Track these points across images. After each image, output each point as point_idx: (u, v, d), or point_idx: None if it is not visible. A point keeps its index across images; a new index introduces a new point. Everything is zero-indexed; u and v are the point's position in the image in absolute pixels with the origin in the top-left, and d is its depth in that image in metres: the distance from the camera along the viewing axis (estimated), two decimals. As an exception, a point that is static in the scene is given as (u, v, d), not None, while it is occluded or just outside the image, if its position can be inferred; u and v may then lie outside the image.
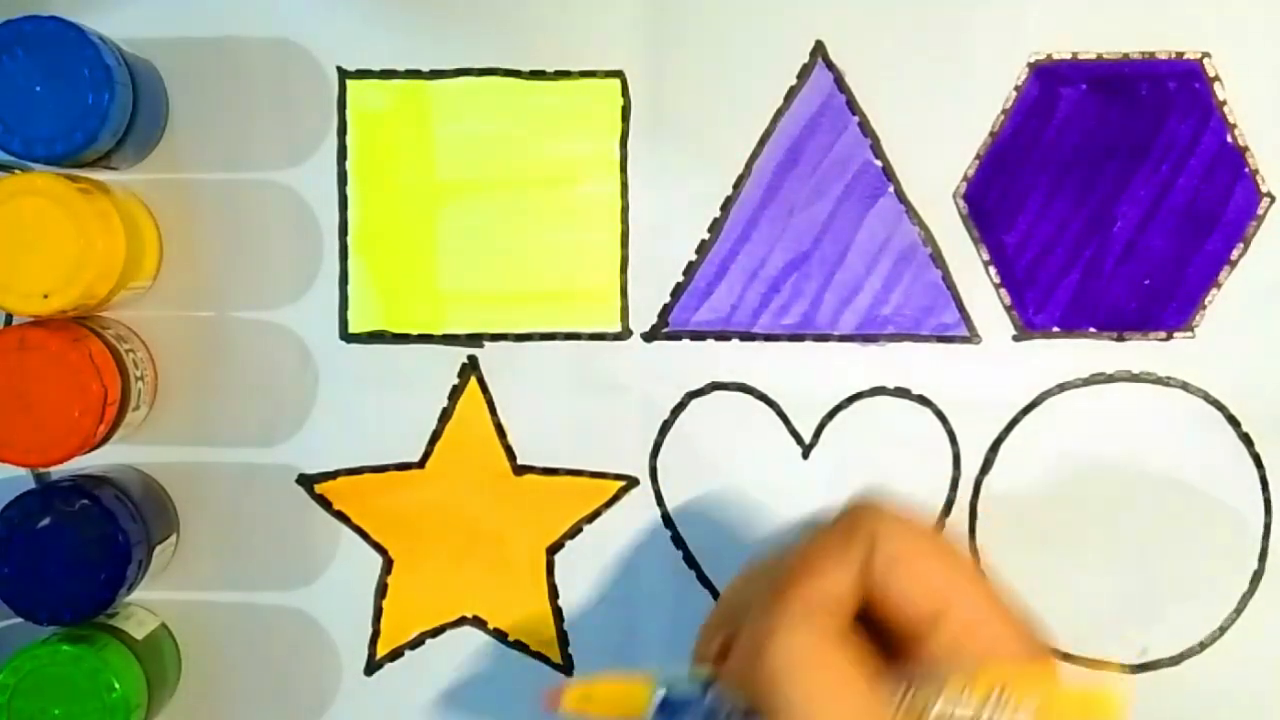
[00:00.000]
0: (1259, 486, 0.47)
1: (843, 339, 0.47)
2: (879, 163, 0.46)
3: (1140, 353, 0.47)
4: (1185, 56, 0.46)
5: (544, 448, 0.47)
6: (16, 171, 0.44)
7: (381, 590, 0.48)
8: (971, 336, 0.47)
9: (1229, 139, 0.46)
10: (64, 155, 0.42)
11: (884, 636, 0.34)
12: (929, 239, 0.46)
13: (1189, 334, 0.46)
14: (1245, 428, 0.46)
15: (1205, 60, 0.46)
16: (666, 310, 0.47)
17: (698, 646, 0.37)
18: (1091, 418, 0.46)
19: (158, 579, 0.47)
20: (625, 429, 0.47)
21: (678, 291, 0.47)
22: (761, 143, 0.46)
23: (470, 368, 0.47)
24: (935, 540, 0.35)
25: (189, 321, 0.47)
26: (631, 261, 0.47)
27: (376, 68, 0.47)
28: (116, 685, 0.43)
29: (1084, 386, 0.47)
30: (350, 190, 0.47)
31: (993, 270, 0.47)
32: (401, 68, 0.47)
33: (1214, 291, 0.46)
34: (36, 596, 0.43)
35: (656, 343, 0.47)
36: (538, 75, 0.47)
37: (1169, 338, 0.46)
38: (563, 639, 0.48)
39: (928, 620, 0.33)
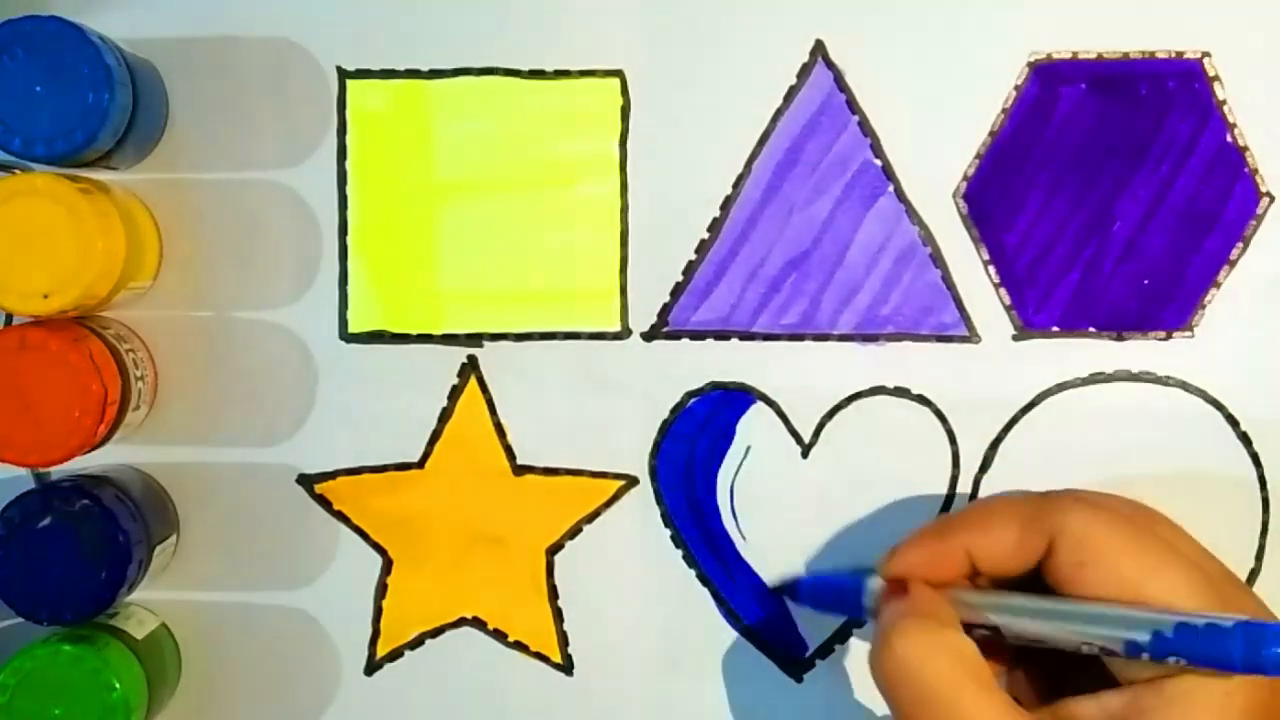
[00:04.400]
0: (1257, 486, 0.47)
1: (842, 338, 0.47)
2: (879, 162, 0.46)
3: (1140, 352, 0.47)
4: (1185, 56, 0.46)
5: (544, 448, 0.47)
6: (16, 171, 0.44)
7: (381, 590, 0.48)
8: (971, 336, 0.47)
9: (1229, 139, 0.46)
10: (64, 155, 0.42)
11: None
12: (929, 238, 0.46)
13: (1188, 334, 0.46)
14: (1244, 427, 0.46)
15: (1205, 60, 0.46)
16: (666, 310, 0.47)
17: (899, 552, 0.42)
18: (1091, 417, 0.46)
19: (158, 579, 0.47)
20: (625, 429, 0.47)
21: (677, 291, 0.47)
22: (761, 142, 0.46)
23: (470, 367, 0.47)
24: (1127, 531, 0.39)
25: (189, 321, 0.47)
26: (631, 261, 0.47)
27: (376, 67, 0.47)
28: (116, 685, 0.43)
29: (1083, 386, 0.47)
30: (350, 190, 0.47)
31: (992, 270, 0.47)
32: (401, 67, 0.47)
33: (1213, 291, 0.46)
34: (37, 596, 0.43)
35: (656, 342, 0.47)
36: (537, 75, 0.47)
37: (1168, 337, 0.47)
38: (563, 639, 0.48)
39: (1128, 589, 0.38)
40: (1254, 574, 0.47)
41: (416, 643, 0.48)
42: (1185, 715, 0.37)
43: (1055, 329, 0.47)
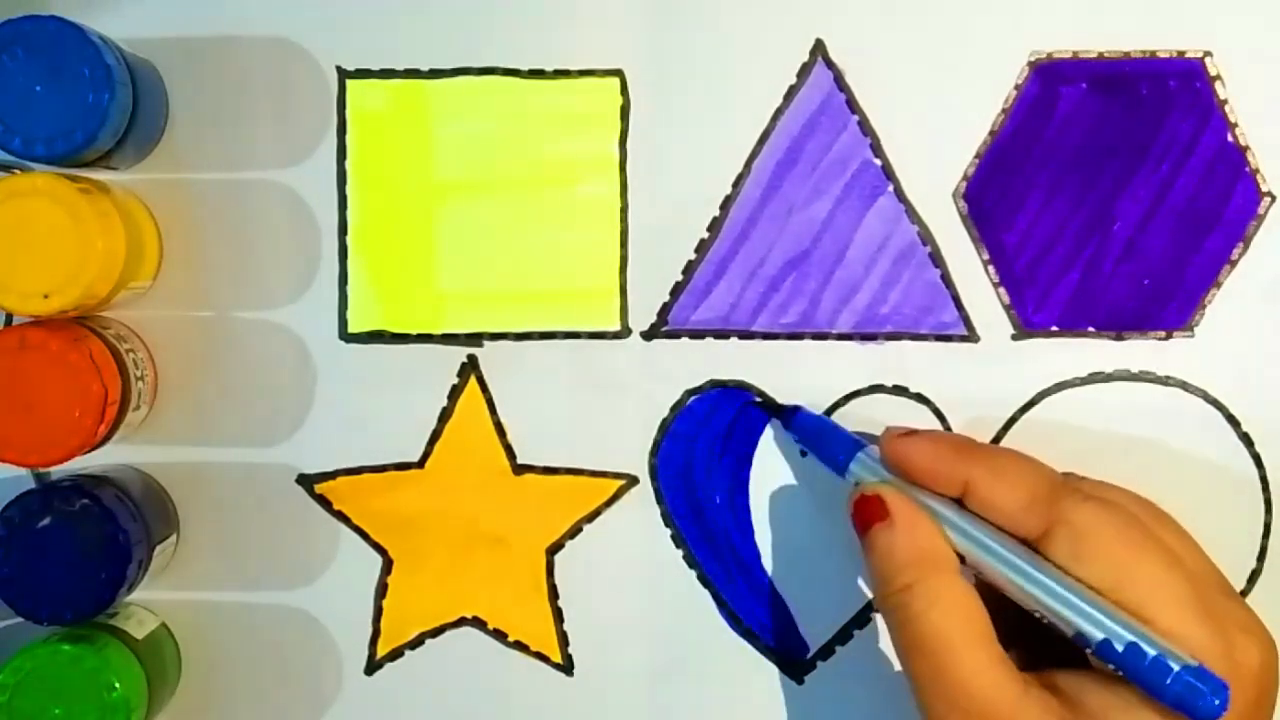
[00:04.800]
0: (1259, 486, 0.47)
1: (841, 338, 0.47)
2: (878, 162, 0.46)
3: (1139, 352, 0.47)
4: (1186, 55, 0.46)
5: (544, 447, 0.47)
6: (16, 171, 0.44)
7: (381, 590, 0.48)
8: (970, 335, 0.47)
9: (1229, 138, 0.46)
10: (64, 155, 0.42)
11: None
12: (928, 238, 0.46)
13: (1188, 334, 0.46)
14: (1245, 427, 0.46)
15: (1206, 59, 0.46)
16: (666, 309, 0.47)
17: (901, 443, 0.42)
18: (1090, 417, 0.46)
19: (158, 579, 0.47)
20: (625, 428, 0.47)
21: (677, 290, 0.47)
22: (761, 142, 0.46)
23: (470, 367, 0.47)
24: (1128, 532, 0.40)
25: (189, 321, 0.47)
26: (631, 261, 0.47)
27: (376, 67, 0.47)
28: (116, 685, 0.43)
29: (1083, 386, 0.47)
30: (350, 190, 0.47)
31: (992, 269, 0.47)
32: (401, 67, 0.47)
33: (1214, 291, 0.46)
34: (37, 596, 0.43)
35: (656, 341, 0.47)
36: (537, 74, 0.47)
37: (1168, 337, 0.46)
38: (563, 639, 0.48)
39: (1109, 587, 0.39)
40: (1255, 574, 0.47)
41: (416, 643, 0.48)
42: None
43: (1055, 329, 0.47)
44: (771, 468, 0.47)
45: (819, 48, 0.46)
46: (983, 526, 0.41)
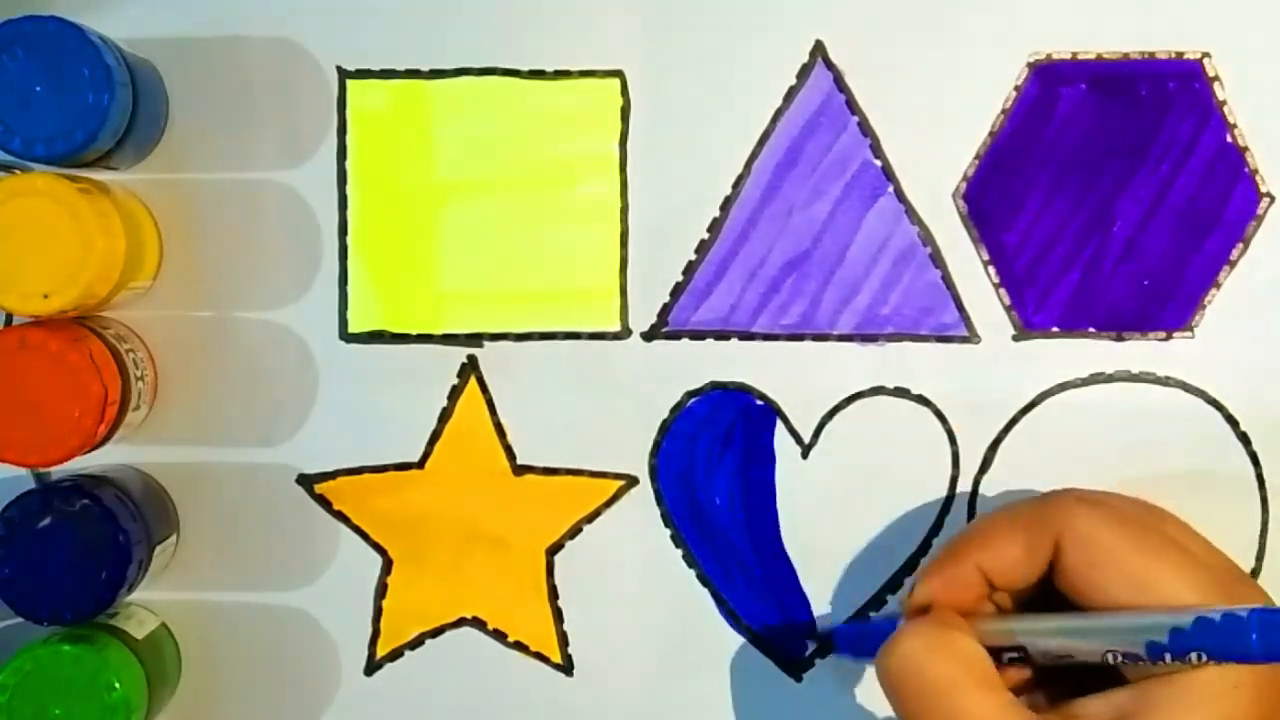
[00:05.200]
0: (1256, 486, 0.47)
1: (842, 338, 0.47)
2: (878, 162, 0.46)
3: (1139, 353, 0.47)
4: (1185, 56, 0.46)
5: (544, 447, 0.47)
6: (16, 171, 0.44)
7: (381, 590, 0.48)
8: (971, 336, 0.47)
9: (1229, 139, 0.46)
10: (64, 155, 0.42)
11: None
12: (928, 238, 0.46)
13: (1188, 334, 0.46)
14: (1243, 427, 0.46)
15: (1205, 60, 0.46)
16: (666, 310, 0.47)
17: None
18: (1091, 417, 0.46)
19: (158, 579, 0.47)
20: (625, 429, 0.47)
21: (677, 291, 0.47)
22: (761, 142, 0.46)
23: (470, 367, 0.47)
24: (1134, 531, 0.39)
25: (189, 321, 0.47)
26: (631, 261, 0.47)
27: (376, 67, 0.47)
28: (117, 685, 0.43)
29: (1083, 386, 0.47)
30: (350, 190, 0.47)
31: (992, 270, 0.47)
32: (401, 67, 0.47)
33: (1213, 291, 0.46)
34: (37, 596, 0.43)
35: (656, 342, 0.47)
36: (537, 75, 0.47)
37: (1168, 338, 0.47)
38: (563, 639, 0.48)
39: (1133, 587, 0.38)
40: (1254, 574, 0.47)
41: (416, 643, 0.48)
42: (1193, 708, 0.37)
43: (1055, 329, 0.47)
44: (771, 468, 0.47)
45: (819, 48, 0.46)
46: (1026, 618, 0.41)
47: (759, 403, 0.47)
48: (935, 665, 0.39)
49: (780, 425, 0.47)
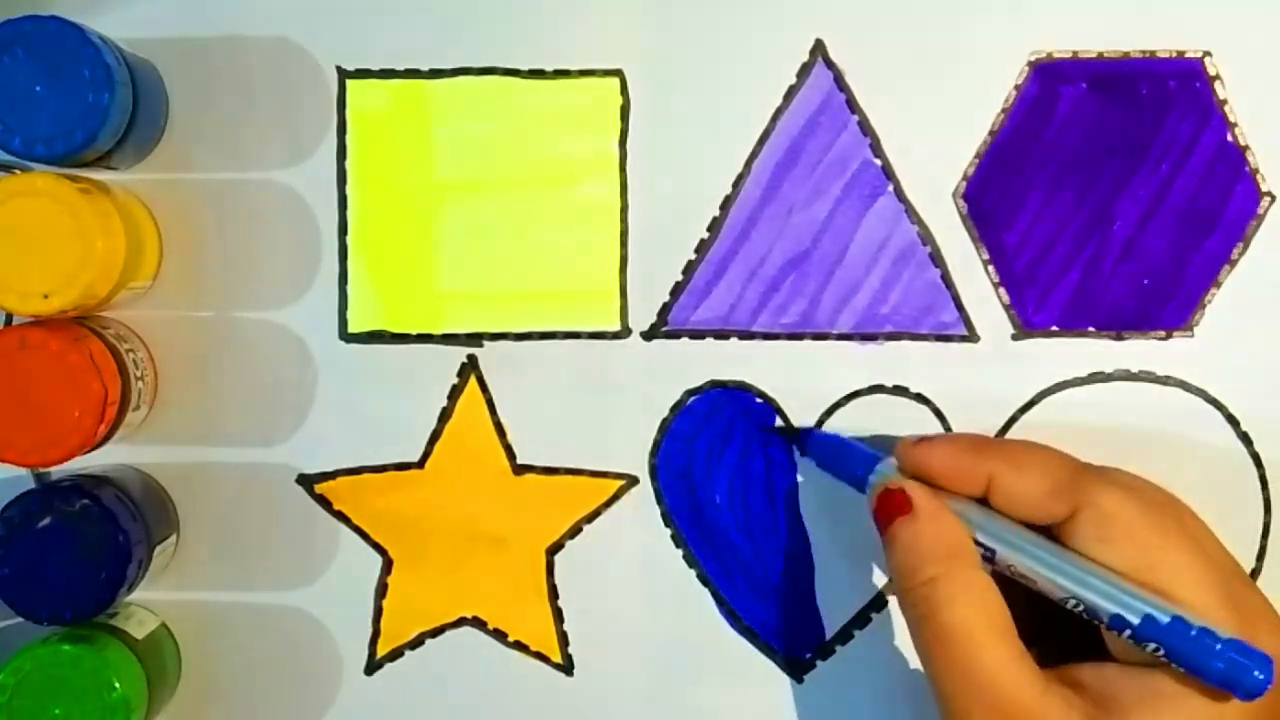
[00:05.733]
0: (1258, 486, 0.47)
1: (841, 338, 0.47)
2: (878, 162, 0.46)
3: (1139, 352, 0.47)
4: (1185, 55, 0.46)
5: (544, 447, 0.47)
6: (16, 171, 0.44)
7: (381, 590, 0.48)
8: (970, 335, 0.47)
9: (1229, 138, 0.46)
10: (64, 155, 0.42)
11: None
12: (928, 238, 0.46)
13: (1188, 333, 0.46)
14: (1244, 427, 0.46)
15: (1205, 59, 0.46)
16: (666, 309, 0.47)
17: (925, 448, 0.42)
18: (1090, 417, 0.46)
19: (158, 579, 0.47)
20: (625, 428, 0.47)
21: (677, 291, 0.47)
22: (761, 142, 0.46)
23: (470, 367, 0.47)
24: (1153, 517, 0.40)
25: (189, 321, 0.47)
26: (631, 261, 0.47)
27: (376, 67, 0.47)
28: (116, 685, 0.43)
29: (1083, 386, 0.47)
30: (350, 190, 0.47)
31: (992, 269, 0.47)
32: (401, 67, 0.47)
33: (1213, 291, 0.46)
34: (37, 596, 0.43)
35: (656, 342, 0.47)
36: (537, 74, 0.47)
37: (1168, 337, 0.46)
38: (563, 639, 0.48)
39: (1135, 569, 0.39)
40: (1255, 574, 0.47)
41: (416, 643, 0.48)
42: (1178, 710, 0.38)
43: (1055, 329, 0.47)
44: (772, 468, 0.47)
45: (819, 48, 0.46)
46: (1009, 523, 0.41)
47: (759, 402, 0.47)
48: (955, 608, 0.39)
49: (780, 424, 0.47)
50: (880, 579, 0.47)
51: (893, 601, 0.47)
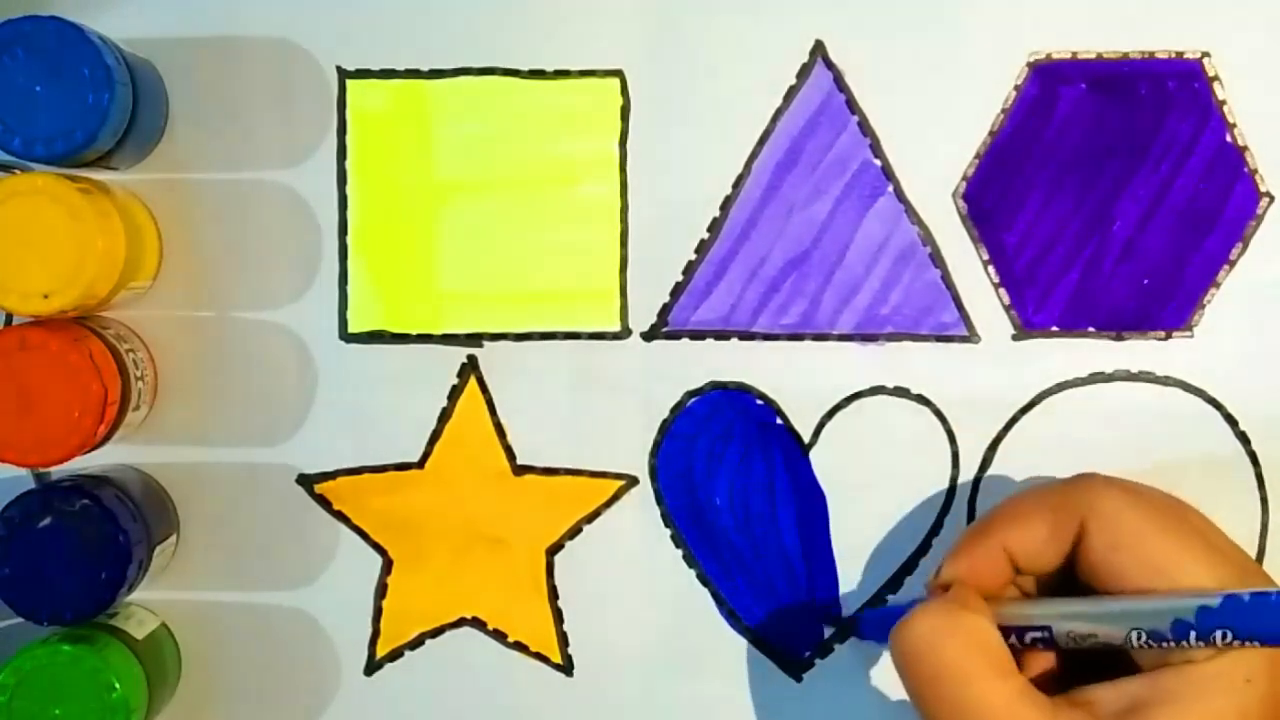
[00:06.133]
0: (1256, 485, 0.47)
1: (842, 338, 0.47)
2: (878, 162, 0.46)
3: (1139, 352, 0.47)
4: (1185, 56, 0.46)
5: (544, 448, 0.47)
6: (16, 171, 0.44)
7: (381, 590, 0.48)
8: (970, 336, 0.47)
9: (1228, 138, 0.46)
10: (64, 155, 0.42)
11: None
12: (928, 238, 0.47)
13: (1188, 333, 0.46)
14: (1243, 427, 0.47)
15: (1205, 60, 0.46)
16: (666, 310, 0.47)
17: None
18: (1090, 417, 0.46)
19: (158, 579, 0.47)
20: (625, 429, 0.47)
21: (677, 291, 0.47)
22: (761, 142, 0.46)
23: (470, 367, 0.47)
24: (1158, 517, 0.39)
25: (189, 321, 0.47)
26: (631, 261, 0.47)
27: (376, 67, 0.47)
28: (116, 685, 0.43)
29: (1083, 386, 0.47)
30: (350, 190, 0.47)
31: (992, 269, 0.47)
32: (401, 67, 0.47)
33: (1213, 291, 0.46)
34: (37, 596, 0.43)
35: (656, 342, 0.47)
36: (537, 75, 0.47)
37: (1168, 337, 0.47)
38: (563, 639, 0.48)
39: (1153, 570, 0.38)
40: (1254, 574, 0.47)
41: (416, 643, 0.48)
42: (1205, 699, 0.38)
43: (1055, 329, 0.47)
44: (771, 469, 0.47)
45: (819, 48, 0.46)
46: (1052, 600, 0.41)
47: (759, 402, 0.47)
48: (949, 648, 0.38)
49: (780, 425, 0.47)
50: (880, 579, 0.47)
51: (892, 601, 0.47)
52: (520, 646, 0.48)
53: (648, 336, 0.47)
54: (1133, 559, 0.39)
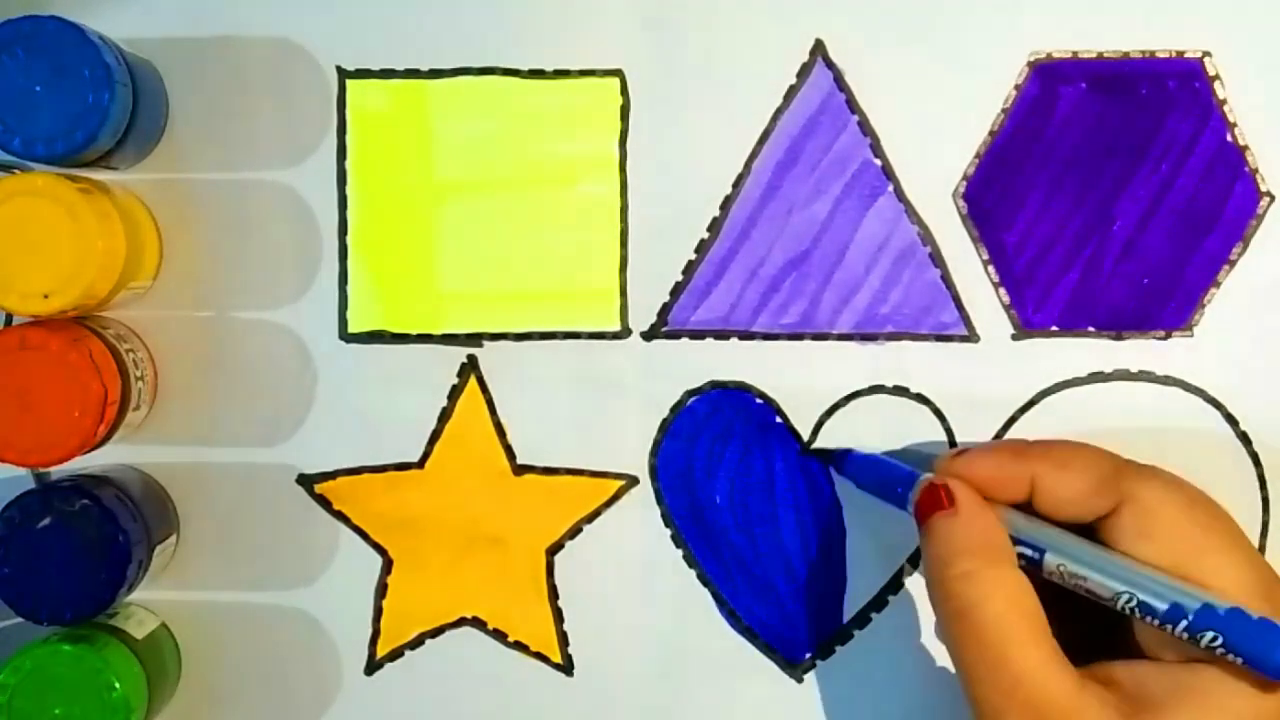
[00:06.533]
0: (1257, 485, 0.47)
1: (841, 338, 0.47)
2: (878, 162, 0.46)
3: (1139, 352, 0.47)
4: (1185, 55, 0.46)
5: (544, 447, 0.47)
6: (16, 171, 0.44)
7: (381, 590, 0.48)
8: (970, 335, 0.47)
9: (1229, 138, 0.46)
10: (64, 155, 0.42)
11: None
12: (928, 238, 0.47)
13: (1187, 333, 0.46)
14: (1243, 426, 0.47)
15: (1205, 59, 0.46)
16: (666, 309, 0.47)
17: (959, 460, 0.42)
18: (1090, 417, 0.46)
19: (158, 579, 0.47)
20: (625, 428, 0.47)
21: (677, 291, 0.47)
22: (761, 142, 0.46)
23: (470, 367, 0.47)
24: (1197, 516, 0.40)
25: (189, 321, 0.47)
26: (631, 261, 0.47)
27: (376, 67, 0.47)
28: (116, 685, 0.43)
29: (1082, 385, 0.47)
30: (350, 190, 0.47)
31: (992, 269, 0.47)
32: (401, 67, 0.47)
33: (1213, 291, 0.46)
34: (36, 596, 0.43)
35: (656, 342, 0.47)
36: (537, 74, 0.47)
37: (1167, 337, 0.47)
38: (563, 639, 0.48)
39: (1176, 564, 0.39)
40: (1254, 574, 0.47)
41: (416, 643, 0.48)
42: (1224, 699, 0.38)
43: (1054, 328, 0.47)
44: (771, 468, 0.47)
45: (819, 48, 0.46)
46: (1054, 528, 0.41)
47: (759, 402, 0.47)
48: (990, 605, 0.39)
49: (780, 424, 0.47)
50: (880, 579, 0.47)
51: (893, 601, 0.47)
52: (520, 646, 0.48)
53: (648, 336, 0.47)
54: (1159, 549, 0.39)
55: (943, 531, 0.41)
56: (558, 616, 0.48)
